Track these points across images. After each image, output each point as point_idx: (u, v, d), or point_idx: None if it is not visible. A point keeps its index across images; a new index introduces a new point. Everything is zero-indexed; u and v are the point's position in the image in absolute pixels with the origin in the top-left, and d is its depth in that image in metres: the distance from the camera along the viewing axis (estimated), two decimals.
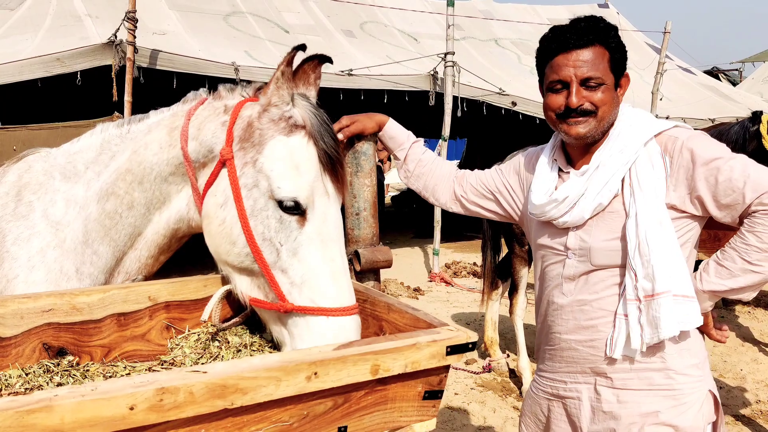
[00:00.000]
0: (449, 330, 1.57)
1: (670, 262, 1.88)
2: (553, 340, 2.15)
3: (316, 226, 1.83)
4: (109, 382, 1.20)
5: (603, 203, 1.98)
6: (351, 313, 1.78)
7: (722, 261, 1.94)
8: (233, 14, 10.66)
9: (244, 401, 1.29)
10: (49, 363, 1.74)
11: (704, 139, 1.95)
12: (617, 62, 2.00)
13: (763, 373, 5.76)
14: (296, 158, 1.83)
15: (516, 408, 5.19)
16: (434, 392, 1.60)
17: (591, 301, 2.03)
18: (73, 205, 2.11)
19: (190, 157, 1.97)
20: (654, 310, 1.88)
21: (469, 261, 10.94)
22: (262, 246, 1.82)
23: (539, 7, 16.16)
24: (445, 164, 2.49)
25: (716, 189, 1.88)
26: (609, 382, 2.03)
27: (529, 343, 6.14)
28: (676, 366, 1.97)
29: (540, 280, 2.24)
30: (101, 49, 7.52)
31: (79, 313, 1.84)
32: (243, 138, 1.88)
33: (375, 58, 10.60)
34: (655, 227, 1.89)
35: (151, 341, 1.95)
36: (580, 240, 2.04)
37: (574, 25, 1.98)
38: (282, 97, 1.87)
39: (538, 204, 2.09)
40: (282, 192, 1.81)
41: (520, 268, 5.63)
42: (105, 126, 2.20)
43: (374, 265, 2.29)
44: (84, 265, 2.09)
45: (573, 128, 1.99)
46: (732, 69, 23.70)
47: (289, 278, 1.80)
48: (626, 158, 1.97)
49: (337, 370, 1.38)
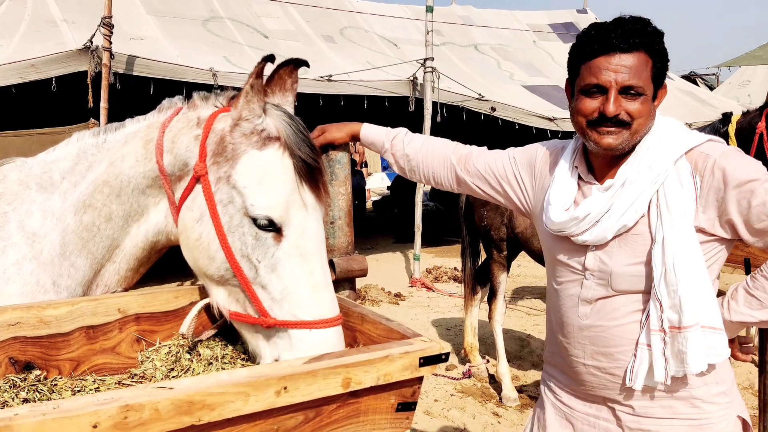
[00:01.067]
0: (422, 341, 1.56)
1: (699, 293, 1.75)
2: (570, 363, 2.03)
3: (294, 241, 1.79)
4: (72, 400, 1.17)
5: (628, 225, 1.84)
6: (333, 324, 1.75)
7: (752, 290, 1.81)
8: (212, 19, 10.61)
9: (212, 417, 1.26)
10: (15, 378, 1.70)
11: (738, 158, 1.80)
12: (659, 72, 1.86)
13: None
14: (270, 172, 1.80)
15: (496, 414, 5.19)
16: (407, 404, 1.59)
17: (611, 327, 1.91)
18: (50, 216, 2.08)
19: (165, 171, 1.94)
20: (680, 343, 1.75)
21: (450, 266, 10.94)
22: (241, 262, 1.80)
23: (519, 12, 16.27)
24: (436, 149, 2.31)
25: (749, 213, 1.74)
26: (630, 409, 1.92)
27: (509, 349, 6.16)
28: (701, 395, 1.86)
29: (552, 295, 2.10)
30: (77, 55, 7.44)
31: (47, 327, 1.80)
32: (216, 152, 1.85)
33: (355, 64, 10.60)
34: (684, 254, 1.75)
35: (121, 354, 1.92)
36: (600, 261, 1.90)
37: (620, 25, 1.81)
38: (252, 111, 1.83)
39: (557, 221, 1.94)
40: (255, 210, 1.77)
41: (499, 273, 5.63)
42: (81, 135, 2.17)
43: (349, 275, 2.28)
44: (61, 278, 2.05)
45: (604, 138, 1.84)
46: (709, 74, 24.01)
47: (269, 294, 1.78)
48: (655, 176, 1.81)
49: (307, 384, 1.37)
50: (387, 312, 7.96)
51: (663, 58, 1.86)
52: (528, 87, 12.79)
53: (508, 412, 5.23)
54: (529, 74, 13.58)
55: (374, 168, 27.91)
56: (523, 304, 8.64)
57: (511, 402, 5.34)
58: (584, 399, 2.04)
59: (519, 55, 14.39)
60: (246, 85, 1.82)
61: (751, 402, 5.03)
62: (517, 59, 14.16)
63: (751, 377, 5.62)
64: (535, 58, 14.43)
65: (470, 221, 5.92)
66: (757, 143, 4.16)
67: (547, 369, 2.20)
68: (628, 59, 1.80)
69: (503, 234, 5.48)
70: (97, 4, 8.04)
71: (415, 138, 2.36)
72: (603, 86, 1.82)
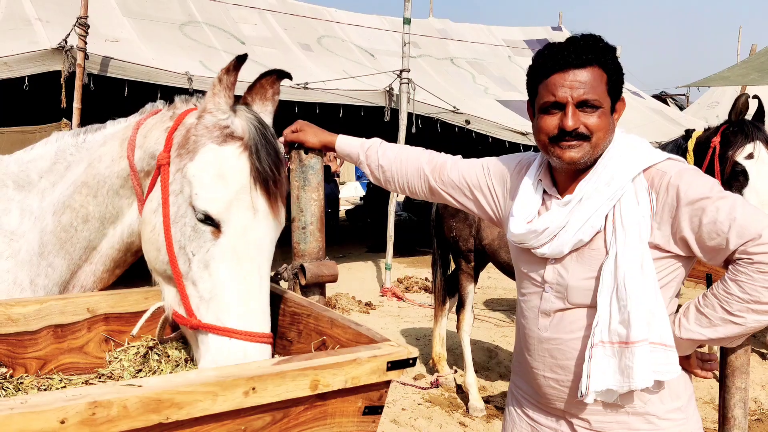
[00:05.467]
0: (390, 345, 1.58)
1: (648, 309, 1.76)
2: (532, 375, 2.04)
3: (231, 240, 1.74)
4: (40, 395, 1.17)
5: (584, 239, 1.87)
6: (259, 340, 1.68)
7: (702, 308, 1.81)
8: (189, 23, 10.57)
9: (180, 416, 1.27)
10: None
11: (693, 177, 1.81)
12: (615, 85, 1.88)
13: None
14: (222, 168, 1.77)
15: (462, 424, 5.22)
16: (374, 408, 1.61)
17: (567, 340, 1.93)
18: (28, 215, 2.07)
19: (135, 167, 1.95)
20: (627, 358, 1.76)
21: (421, 276, 10.99)
22: (178, 254, 1.77)
23: (495, 28, 16.45)
24: (410, 160, 2.32)
25: (700, 231, 1.75)
26: (587, 424, 1.94)
27: (477, 359, 6.20)
28: (656, 411, 1.88)
29: (519, 306, 2.13)
30: (50, 54, 7.37)
31: (15, 324, 1.80)
32: (180, 144, 1.85)
33: (331, 73, 10.63)
34: (635, 270, 1.76)
35: (89, 354, 1.91)
36: (557, 275, 1.93)
37: (573, 43, 1.85)
38: (217, 105, 1.82)
39: (516, 233, 1.97)
40: (197, 200, 1.75)
41: (467, 284, 5.67)
42: (60, 135, 2.17)
43: (319, 279, 2.29)
44: (39, 277, 2.05)
45: (566, 152, 1.85)
46: (679, 94, 24.45)
47: (198, 292, 1.73)
48: (612, 192, 1.84)
49: (275, 385, 1.38)
50: (357, 321, 7.96)
51: (617, 71, 1.88)
52: (502, 101, 12.93)
53: (474, 422, 5.26)
54: (503, 89, 13.73)
55: (348, 177, 27.90)
56: (492, 316, 8.70)
57: (478, 412, 5.37)
58: (546, 412, 2.06)
59: (494, 69, 14.55)
60: (214, 79, 1.83)
61: (711, 416, 5.13)
62: (492, 74, 14.32)
63: (712, 392, 5.72)
64: (510, 73, 14.60)
65: (440, 232, 5.97)
66: (709, 157, 4.28)
67: (514, 379, 2.23)
68: (583, 74, 1.83)
69: (471, 245, 5.53)
70: (72, 4, 7.98)
71: (389, 148, 2.37)
72: (560, 102, 1.84)
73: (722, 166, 4.22)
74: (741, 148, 4.14)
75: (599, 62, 1.84)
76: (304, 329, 1.89)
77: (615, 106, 1.92)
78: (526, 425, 2.13)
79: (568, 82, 1.83)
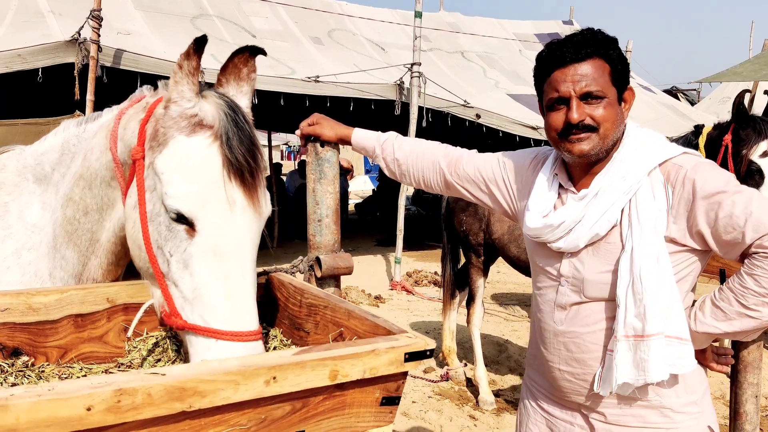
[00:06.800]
0: (408, 337, 1.59)
1: (664, 303, 1.77)
2: (548, 368, 2.06)
3: (208, 238, 1.65)
4: (67, 383, 1.19)
5: (600, 234, 1.88)
6: (247, 339, 1.62)
7: (718, 301, 1.82)
8: (200, 17, 10.59)
9: (203, 404, 1.29)
10: (3, 363, 1.72)
11: (709, 170, 1.82)
12: (619, 75, 1.89)
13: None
14: (190, 162, 1.68)
15: (473, 417, 5.24)
16: (391, 398, 1.62)
17: (583, 334, 1.94)
18: (47, 208, 2.09)
19: (118, 159, 1.88)
20: (642, 351, 1.77)
21: (430, 270, 11.00)
22: (157, 254, 1.70)
23: (505, 21, 16.38)
24: (426, 153, 2.32)
25: (716, 225, 1.76)
26: (602, 417, 1.96)
27: (486, 353, 6.21)
28: (672, 404, 1.89)
29: (534, 300, 2.15)
30: (64, 46, 7.41)
31: (36, 314, 1.82)
32: (152, 137, 1.76)
33: (342, 66, 10.63)
34: (651, 264, 1.77)
35: (109, 343, 1.94)
36: (573, 269, 1.94)
37: (570, 39, 1.88)
38: (181, 93, 1.72)
39: (532, 227, 1.98)
40: (167, 198, 1.66)
41: (477, 278, 5.69)
42: (67, 124, 2.17)
43: (335, 272, 2.31)
44: (56, 269, 2.07)
45: (576, 146, 1.87)
46: (690, 89, 24.28)
47: (181, 292, 1.67)
48: (628, 187, 1.85)
49: (296, 374, 1.39)
50: None
51: (621, 61, 1.89)
52: (512, 95, 12.89)
53: (484, 415, 5.28)
54: (514, 83, 13.69)
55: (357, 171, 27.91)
56: (502, 310, 8.71)
57: (488, 406, 5.39)
58: (561, 405, 2.08)
59: (505, 63, 14.50)
60: (174, 65, 1.72)
61: (722, 411, 5.13)
62: (503, 67, 14.27)
63: (723, 387, 5.71)
64: (521, 67, 14.54)
65: (450, 226, 5.97)
66: (722, 155, 4.28)
67: (529, 372, 2.25)
68: (583, 68, 1.85)
69: (481, 239, 5.54)
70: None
71: (405, 142, 2.38)
72: (564, 97, 1.87)
73: (737, 165, 4.21)
74: (755, 146, 4.14)
75: (599, 54, 1.86)
76: (321, 320, 1.91)
77: (623, 96, 1.93)
78: (541, 418, 2.14)
79: (570, 77, 1.86)
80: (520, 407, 2.30)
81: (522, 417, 2.25)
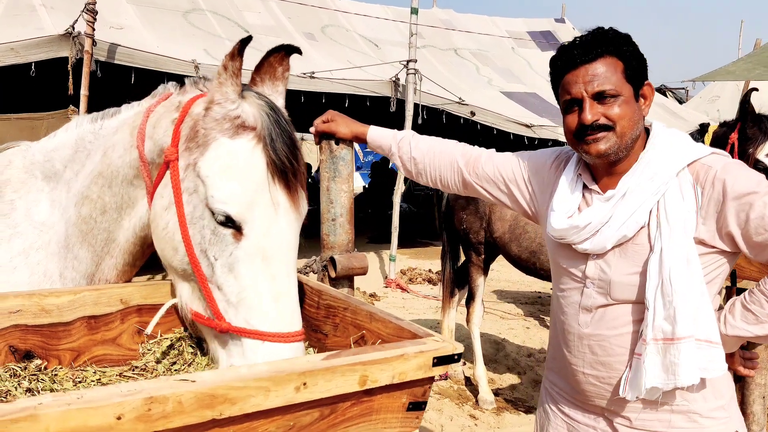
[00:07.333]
0: (435, 341, 1.55)
1: (694, 305, 1.74)
2: (571, 371, 2.02)
3: (256, 242, 1.65)
4: (96, 390, 1.15)
5: (627, 235, 1.84)
6: (291, 340, 1.62)
7: (749, 304, 1.79)
8: (193, 11, 10.50)
9: (233, 412, 1.24)
10: (15, 367, 1.67)
11: (739, 171, 1.79)
12: (634, 71, 1.86)
13: None
14: (236, 164, 1.66)
15: (473, 416, 5.21)
16: (418, 403, 1.58)
17: (609, 337, 1.91)
18: (57, 206, 2.02)
19: (145, 158, 1.85)
20: (672, 355, 1.74)
21: (424, 267, 10.98)
22: (200, 257, 1.68)
23: (498, 19, 16.38)
24: (444, 153, 2.29)
25: (747, 226, 1.73)
26: (627, 422, 1.92)
27: (484, 352, 6.19)
28: (699, 409, 1.86)
29: (556, 302, 2.10)
30: (58, 40, 7.32)
31: (48, 315, 1.77)
32: (189, 137, 1.73)
33: (336, 62, 10.58)
34: (681, 266, 1.74)
35: (122, 345, 1.89)
36: (600, 270, 1.91)
37: (579, 40, 1.88)
38: (225, 95, 1.71)
39: (558, 228, 1.95)
40: (214, 202, 1.65)
41: (477, 276, 5.66)
42: (80, 120, 2.10)
43: (350, 272, 2.27)
44: (67, 270, 1.99)
45: (592, 146, 1.85)
46: (678, 87, 24.37)
47: (224, 295, 1.66)
48: (656, 188, 1.82)
49: (326, 380, 1.35)
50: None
51: (635, 57, 1.87)
52: (505, 93, 12.89)
53: (485, 414, 5.26)
54: (506, 80, 13.69)
55: None
56: (498, 308, 8.70)
57: (488, 405, 5.37)
58: (584, 409, 2.04)
59: (498, 61, 14.50)
60: (219, 67, 1.71)
61: None
62: (496, 65, 14.27)
63: None
64: (513, 64, 14.55)
65: (450, 224, 5.94)
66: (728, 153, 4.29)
67: (549, 376, 2.20)
68: (594, 67, 1.84)
69: (482, 238, 5.51)
70: None
71: (422, 140, 2.34)
72: (577, 98, 1.86)
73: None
74: (762, 145, 4.14)
75: (610, 52, 1.84)
76: (341, 323, 1.87)
77: (640, 92, 1.90)
78: (562, 423, 2.10)
79: (581, 78, 1.84)
80: (539, 411, 2.25)
81: (542, 421, 2.21)
